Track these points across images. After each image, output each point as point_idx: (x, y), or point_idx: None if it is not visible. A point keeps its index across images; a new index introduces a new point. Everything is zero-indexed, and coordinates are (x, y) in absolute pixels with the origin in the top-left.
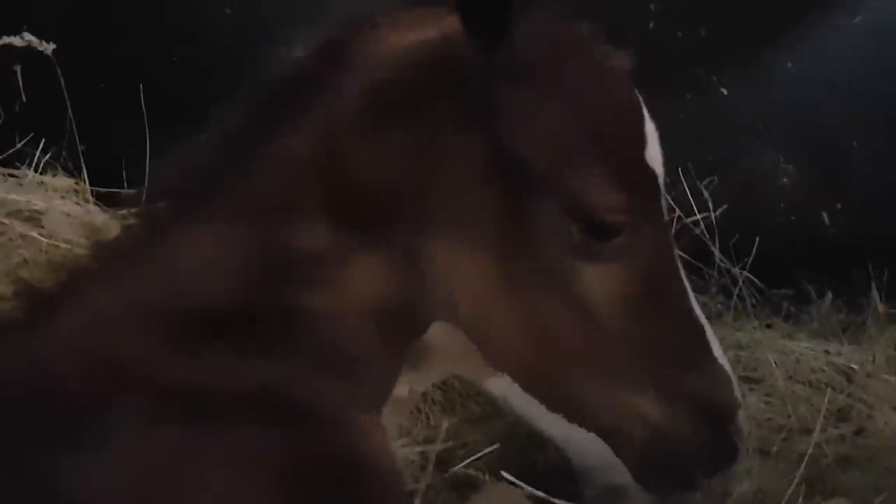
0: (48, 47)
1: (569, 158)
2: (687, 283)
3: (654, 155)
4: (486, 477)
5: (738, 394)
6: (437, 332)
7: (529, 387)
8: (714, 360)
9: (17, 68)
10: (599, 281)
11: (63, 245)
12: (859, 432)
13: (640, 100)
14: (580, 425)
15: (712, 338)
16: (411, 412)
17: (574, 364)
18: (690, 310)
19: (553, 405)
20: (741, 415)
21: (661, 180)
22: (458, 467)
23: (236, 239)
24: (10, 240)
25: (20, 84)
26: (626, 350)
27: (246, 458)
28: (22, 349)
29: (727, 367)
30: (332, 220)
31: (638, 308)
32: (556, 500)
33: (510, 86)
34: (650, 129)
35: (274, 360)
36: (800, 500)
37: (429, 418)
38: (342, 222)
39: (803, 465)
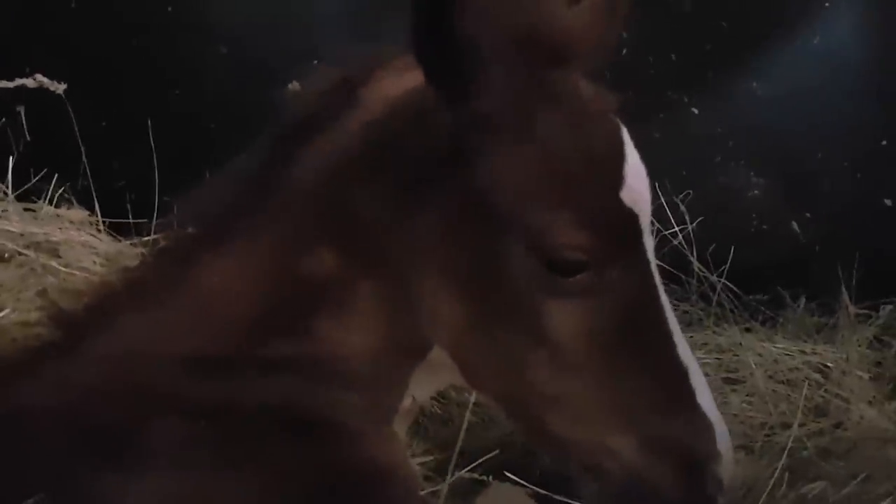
0: (59, 88)
1: (532, 200)
2: (673, 326)
3: (634, 196)
4: (490, 479)
5: (720, 444)
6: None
7: (509, 416)
8: (696, 406)
9: (21, 109)
10: (565, 317)
11: (79, 273)
12: (837, 425)
13: (623, 141)
14: (560, 457)
15: (700, 383)
16: (411, 424)
17: (545, 398)
18: (673, 353)
19: (531, 437)
20: (722, 466)
21: (643, 220)
22: (462, 472)
23: (255, 268)
24: (32, 269)
25: (23, 124)
26: (598, 389)
27: (274, 473)
28: (58, 373)
29: (713, 415)
30: (340, 249)
31: (609, 347)
32: (558, 497)
33: (478, 133)
34: (632, 170)
35: (294, 379)
36: (783, 487)
37: (427, 430)
38: (348, 252)
39: (784, 456)
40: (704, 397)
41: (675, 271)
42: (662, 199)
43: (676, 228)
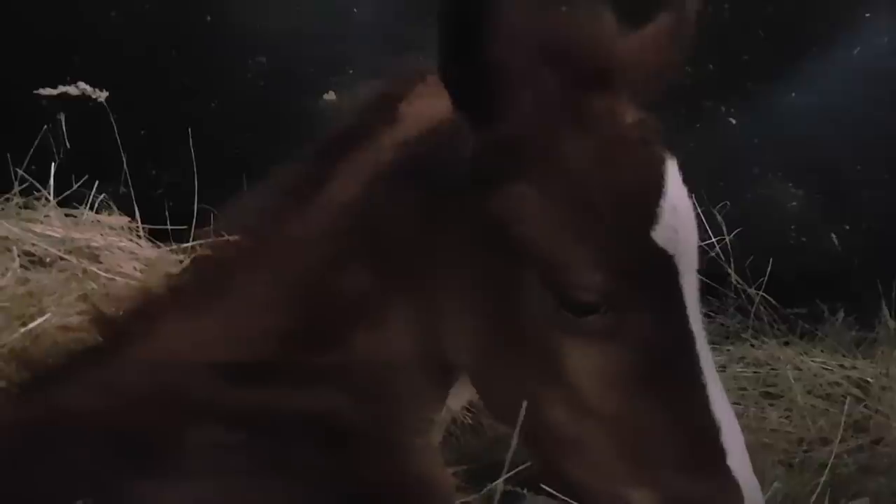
0: (101, 95)
1: (549, 232)
2: (709, 377)
3: (670, 235)
4: (525, 491)
5: None
6: None
7: (525, 446)
8: (725, 467)
9: (62, 116)
10: (582, 357)
11: (119, 279)
12: (877, 441)
13: (661, 175)
14: (580, 501)
15: (734, 443)
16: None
17: (561, 439)
18: (705, 408)
19: (547, 475)
20: None
21: (682, 261)
22: (496, 483)
23: (294, 279)
24: (73, 274)
25: (64, 131)
26: (618, 437)
27: (309, 483)
28: (98, 378)
29: (745, 478)
30: (374, 264)
31: (632, 394)
32: None
33: (501, 158)
34: (672, 207)
35: (330, 389)
36: (825, 502)
37: (458, 440)
38: (382, 268)
39: (826, 472)
40: (737, 458)
41: (712, 283)
42: (699, 210)
43: (714, 240)
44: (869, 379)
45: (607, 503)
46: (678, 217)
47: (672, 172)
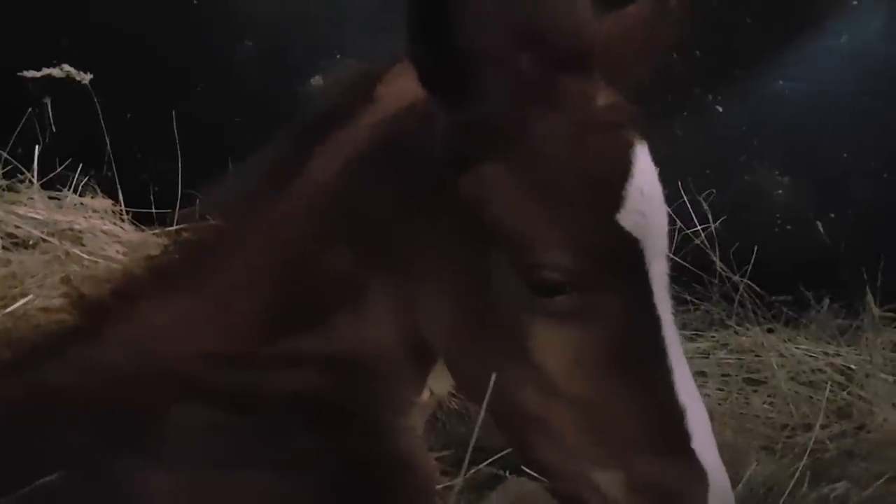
0: (85, 77)
1: (517, 214)
2: (676, 360)
3: (636, 219)
4: (508, 474)
5: (712, 496)
6: None
7: (499, 430)
8: (690, 451)
9: (48, 100)
10: (548, 338)
11: (102, 262)
12: (860, 428)
13: (630, 159)
14: (549, 481)
15: (700, 427)
16: (428, 419)
17: (529, 419)
18: (671, 391)
19: (519, 454)
20: None
21: (648, 245)
22: (481, 466)
23: (276, 261)
24: (55, 256)
25: (50, 115)
26: (583, 418)
27: (293, 461)
28: (82, 356)
29: (711, 462)
30: (354, 246)
31: (598, 376)
32: None
33: (472, 138)
34: (638, 191)
35: (314, 370)
36: (804, 487)
37: (444, 425)
38: (361, 249)
39: (806, 456)
40: (703, 443)
41: (697, 271)
42: (685, 198)
43: (699, 227)
44: (853, 366)
45: (574, 483)
46: (646, 201)
47: (642, 157)
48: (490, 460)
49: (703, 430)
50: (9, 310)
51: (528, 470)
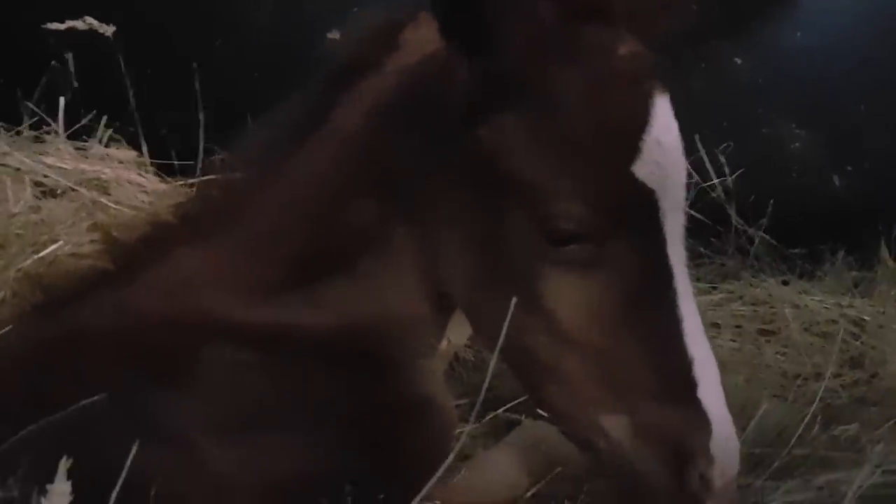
0: (108, 30)
1: (534, 163)
2: (687, 311)
3: (652, 170)
4: (524, 418)
5: (715, 443)
6: None
7: (515, 376)
8: (696, 400)
9: (70, 55)
10: (561, 286)
11: (128, 210)
12: (873, 376)
13: (649, 110)
14: (559, 425)
15: (708, 377)
16: (445, 370)
17: (541, 365)
18: (680, 341)
19: (533, 398)
20: (715, 467)
21: (663, 196)
22: (499, 411)
23: (303, 208)
24: (83, 205)
25: (72, 69)
26: (593, 365)
27: (320, 399)
28: (115, 299)
29: (716, 412)
30: (377, 193)
31: (609, 325)
32: None
33: (491, 88)
34: (656, 142)
35: (340, 312)
36: (815, 429)
37: (461, 375)
38: (384, 197)
39: (817, 401)
40: (710, 392)
41: (713, 224)
42: (702, 151)
43: (716, 181)
44: (866, 317)
45: (582, 426)
46: (662, 152)
47: (662, 108)
48: (507, 406)
49: (710, 379)
50: (39, 255)
51: (542, 412)
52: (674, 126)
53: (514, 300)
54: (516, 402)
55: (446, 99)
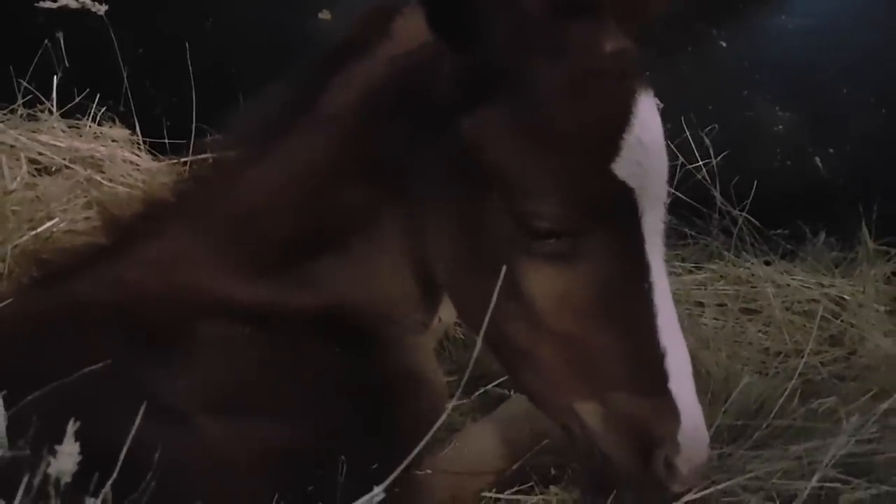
0: (101, 8)
1: (512, 158)
2: (662, 305)
3: (632, 169)
4: (511, 392)
5: (683, 433)
6: None
7: (497, 360)
8: (664, 390)
9: (60, 34)
10: (538, 277)
11: (122, 188)
12: (852, 353)
13: (630, 108)
14: (537, 407)
15: (679, 369)
16: (435, 347)
17: (519, 351)
18: (653, 333)
19: (512, 381)
20: (681, 455)
21: (642, 194)
22: (488, 387)
23: (295, 187)
24: (78, 182)
25: (62, 48)
26: (568, 354)
27: (314, 374)
28: (111, 272)
29: (686, 403)
30: (364, 176)
31: (584, 316)
32: None
33: (476, 82)
34: (637, 141)
35: (333, 289)
36: (794, 402)
37: (451, 353)
38: (373, 179)
39: (797, 376)
40: (680, 384)
41: (697, 205)
42: (687, 133)
43: (700, 162)
44: (846, 296)
45: (556, 411)
46: (643, 151)
47: (644, 106)
48: (496, 382)
49: (681, 372)
50: (36, 232)
51: None
52: (657, 124)
53: (497, 287)
54: (504, 377)
55: (433, 89)
